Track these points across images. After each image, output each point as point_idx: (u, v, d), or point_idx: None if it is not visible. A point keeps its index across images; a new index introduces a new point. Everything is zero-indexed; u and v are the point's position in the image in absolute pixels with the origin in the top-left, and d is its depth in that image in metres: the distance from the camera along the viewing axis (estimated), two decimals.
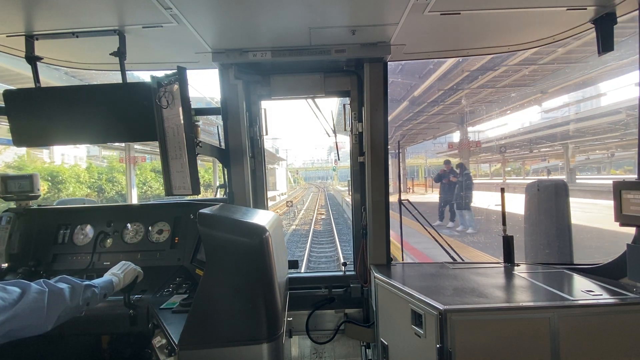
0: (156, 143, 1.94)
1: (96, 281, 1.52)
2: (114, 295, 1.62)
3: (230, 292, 1.48)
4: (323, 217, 23.09)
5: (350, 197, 2.86)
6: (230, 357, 1.43)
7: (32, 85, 2.16)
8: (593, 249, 7.75)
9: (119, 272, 1.67)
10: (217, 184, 2.74)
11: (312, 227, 17.78)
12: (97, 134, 2.23)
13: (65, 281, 1.37)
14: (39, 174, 2.35)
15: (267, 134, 2.80)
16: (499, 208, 2.45)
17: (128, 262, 1.77)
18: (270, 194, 3.04)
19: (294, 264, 2.66)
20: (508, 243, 2.38)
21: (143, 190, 22.45)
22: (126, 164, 17.21)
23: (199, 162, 1.97)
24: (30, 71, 2.15)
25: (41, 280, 1.30)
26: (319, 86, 2.59)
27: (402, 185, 30.87)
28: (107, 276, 1.62)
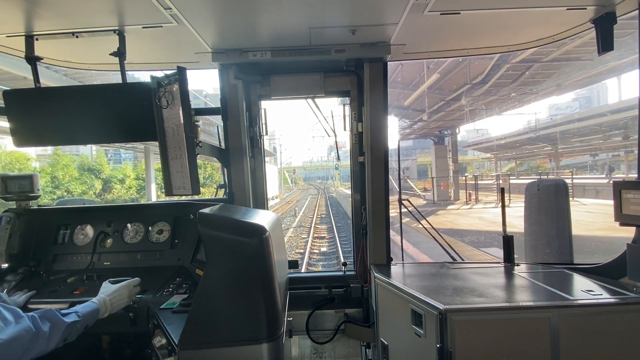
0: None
1: (82, 311, 1.48)
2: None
3: (230, 292, 1.48)
4: (323, 248, 13.15)
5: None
6: (230, 357, 1.43)
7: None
8: None
9: (107, 297, 1.62)
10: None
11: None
12: (97, 134, 2.23)
13: (49, 318, 1.32)
14: None
15: (267, 134, 2.80)
16: None
17: (125, 284, 1.72)
18: None
19: (294, 264, 2.66)
20: (508, 243, 2.38)
21: (56, 197, 17.65)
22: None
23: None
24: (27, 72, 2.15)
25: (31, 314, 1.27)
26: (319, 86, 2.59)
27: (453, 190, 23.63)
28: (94, 302, 1.57)
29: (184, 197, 2.72)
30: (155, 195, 19.97)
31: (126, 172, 24.14)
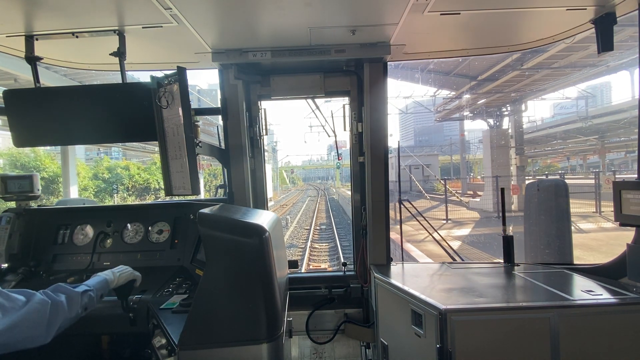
0: None
1: (90, 282, 1.50)
2: (110, 295, 1.61)
3: (230, 292, 1.48)
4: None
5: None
6: (230, 357, 1.43)
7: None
8: None
9: (113, 270, 1.64)
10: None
11: None
12: (97, 134, 2.23)
13: (62, 290, 1.36)
14: None
15: (267, 134, 2.80)
16: None
17: (127, 266, 1.75)
18: None
19: (294, 264, 2.66)
20: (508, 243, 2.38)
21: None
22: None
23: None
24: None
25: (41, 290, 1.30)
26: (319, 86, 2.59)
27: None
28: (101, 275, 1.59)
29: (183, 197, 2.72)
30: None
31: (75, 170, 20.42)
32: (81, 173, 20.17)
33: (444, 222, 15.61)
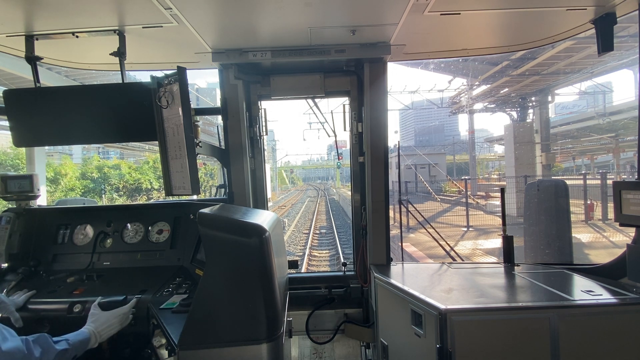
0: None
1: (72, 337, 1.47)
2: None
3: (230, 292, 1.48)
4: None
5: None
6: (230, 357, 1.43)
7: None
8: None
9: (97, 330, 1.59)
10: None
11: None
12: (97, 134, 2.23)
13: (41, 343, 1.33)
14: None
15: (267, 133, 2.80)
16: None
17: (116, 313, 1.68)
18: None
19: (294, 264, 2.66)
20: (508, 243, 2.38)
21: None
22: None
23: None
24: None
25: (25, 337, 1.28)
26: (319, 86, 2.60)
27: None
28: (85, 332, 1.55)
29: (183, 197, 2.72)
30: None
31: (62, 170, 18.98)
32: (69, 173, 19.60)
33: (465, 230, 13.48)
